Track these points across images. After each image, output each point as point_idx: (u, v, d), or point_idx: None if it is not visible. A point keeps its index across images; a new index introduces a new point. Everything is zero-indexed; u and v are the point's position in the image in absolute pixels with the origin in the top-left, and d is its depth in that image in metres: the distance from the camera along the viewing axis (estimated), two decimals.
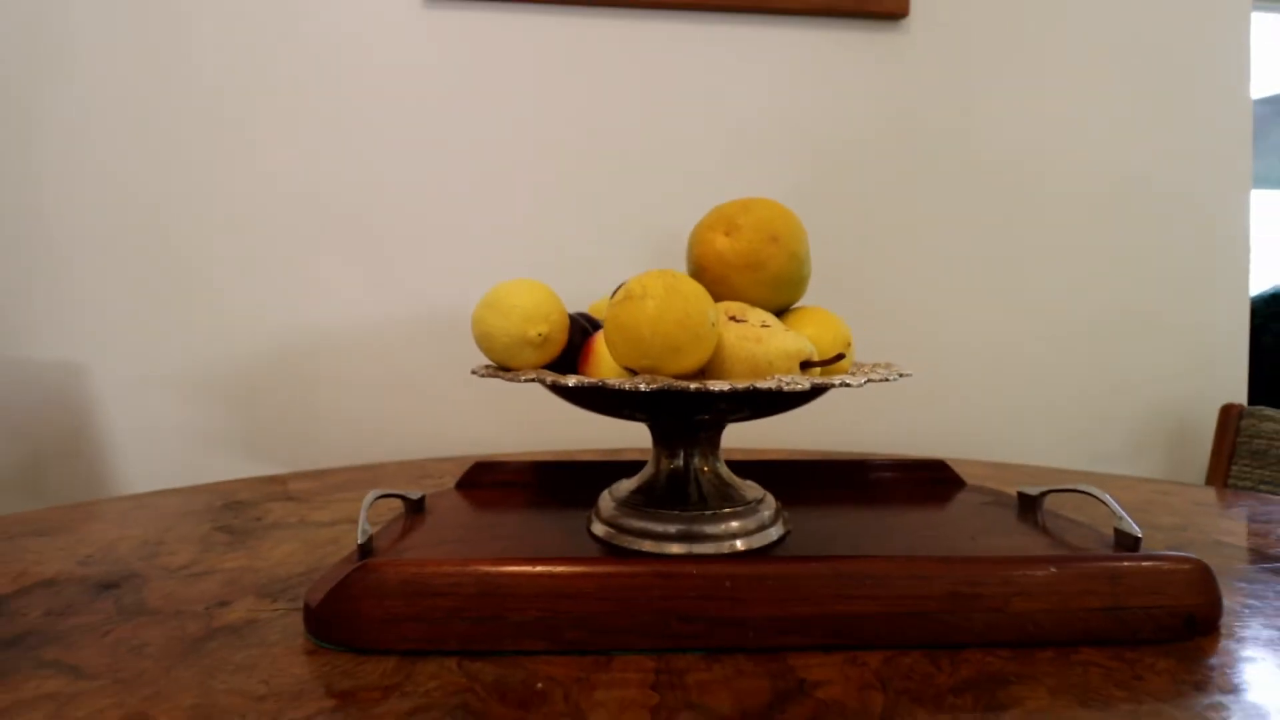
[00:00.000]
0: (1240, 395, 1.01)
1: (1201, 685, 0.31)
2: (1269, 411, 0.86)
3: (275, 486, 0.69)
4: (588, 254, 0.96)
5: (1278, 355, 1.07)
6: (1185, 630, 0.35)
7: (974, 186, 0.99)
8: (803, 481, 0.60)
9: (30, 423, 0.93)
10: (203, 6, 0.92)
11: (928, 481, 0.62)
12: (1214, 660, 0.33)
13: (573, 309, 0.49)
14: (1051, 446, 1.02)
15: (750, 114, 0.96)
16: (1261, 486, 0.84)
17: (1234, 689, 0.30)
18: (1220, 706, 0.29)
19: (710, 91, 0.96)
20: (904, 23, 0.97)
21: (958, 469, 0.77)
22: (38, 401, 0.93)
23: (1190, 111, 1.02)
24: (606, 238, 0.96)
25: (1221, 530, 0.55)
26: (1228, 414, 0.89)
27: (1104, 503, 0.44)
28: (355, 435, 0.94)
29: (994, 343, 1.00)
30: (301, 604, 0.39)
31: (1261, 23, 1.47)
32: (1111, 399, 1.01)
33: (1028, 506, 0.54)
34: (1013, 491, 0.57)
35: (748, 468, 0.60)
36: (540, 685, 0.30)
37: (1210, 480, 0.89)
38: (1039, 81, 0.99)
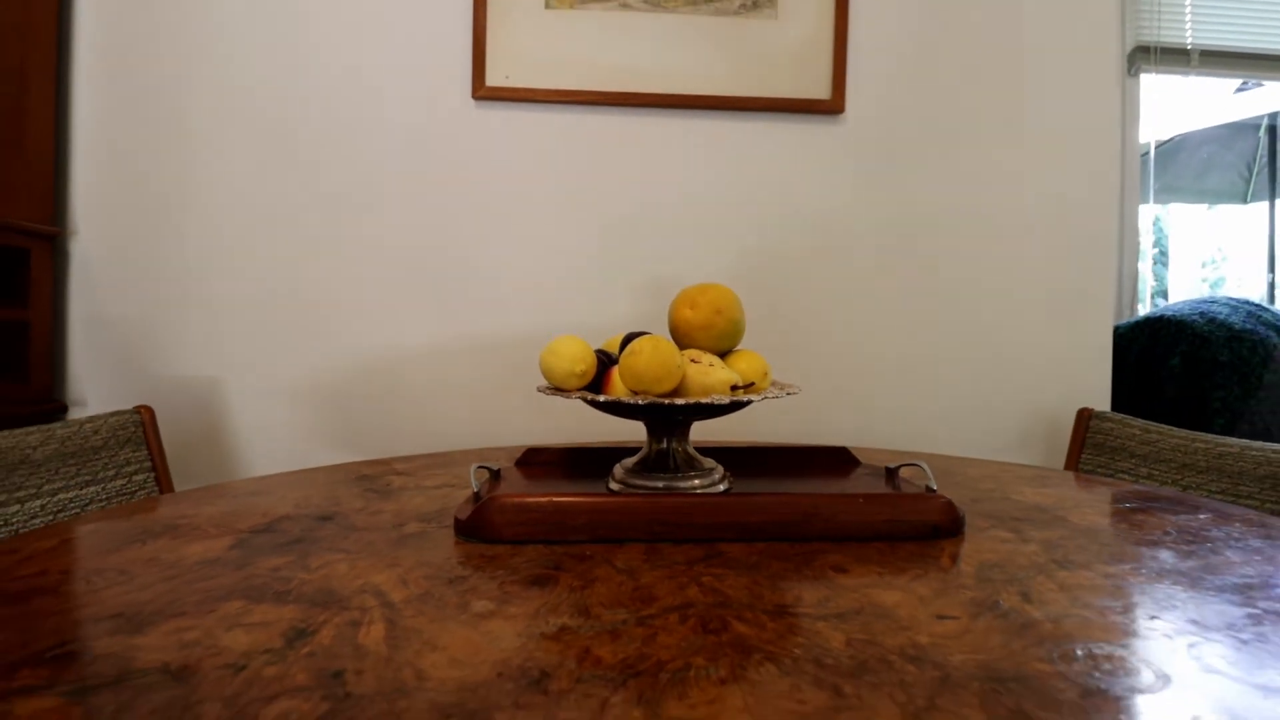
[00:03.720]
0: (1104, 402, 1.31)
1: (922, 554, 0.60)
2: (1109, 414, 1.15)
3: (384, 467, 0.99)
4: (602, 294, 1.25)
5: (1138, 372, 1.36)
6: (933, 533, 0.64)
7: (893, 243, 1.28)
8: (746, 459, 0.89)
9: (178, 422, 1.23)
10: (314, 107, 1.22)
11: (834, 461, 0.91)
12: (941, 547, 0.62)
13: (593, 338, 0.78)
14: (961, 442, 1.31)
15: (718, 190, 1.26)
16: (1098, 470, 1.13)
17: (936, 560, 0.60)
18: (928, 563, 0.58)
19: (688, 172, 1.26)
20: (841, 117, 1.26)
21: (872, 457, 1.07)
22: (185, 406, 1.23)
23: (1064, 175, 1.31)
24: (615, 281, 1.26)
25: (1016, 492, 0.84)
26: (1081, 416, 1.18)
27: (923, 470, 0.74)
28: (428, 431, 1.23)
29: (913, 364, 1.30)
30: (447, 524, 0.69)
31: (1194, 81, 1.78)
32: (1005, 405, 1.31)
33: (890, 475, 0.83)
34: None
35: (709, 450, 0.89)
36: (588, 553, 0.60)
37: (1067, 466, 1.18)
38: (945, 162, 1.29)
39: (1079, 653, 0.41)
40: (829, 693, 0.37)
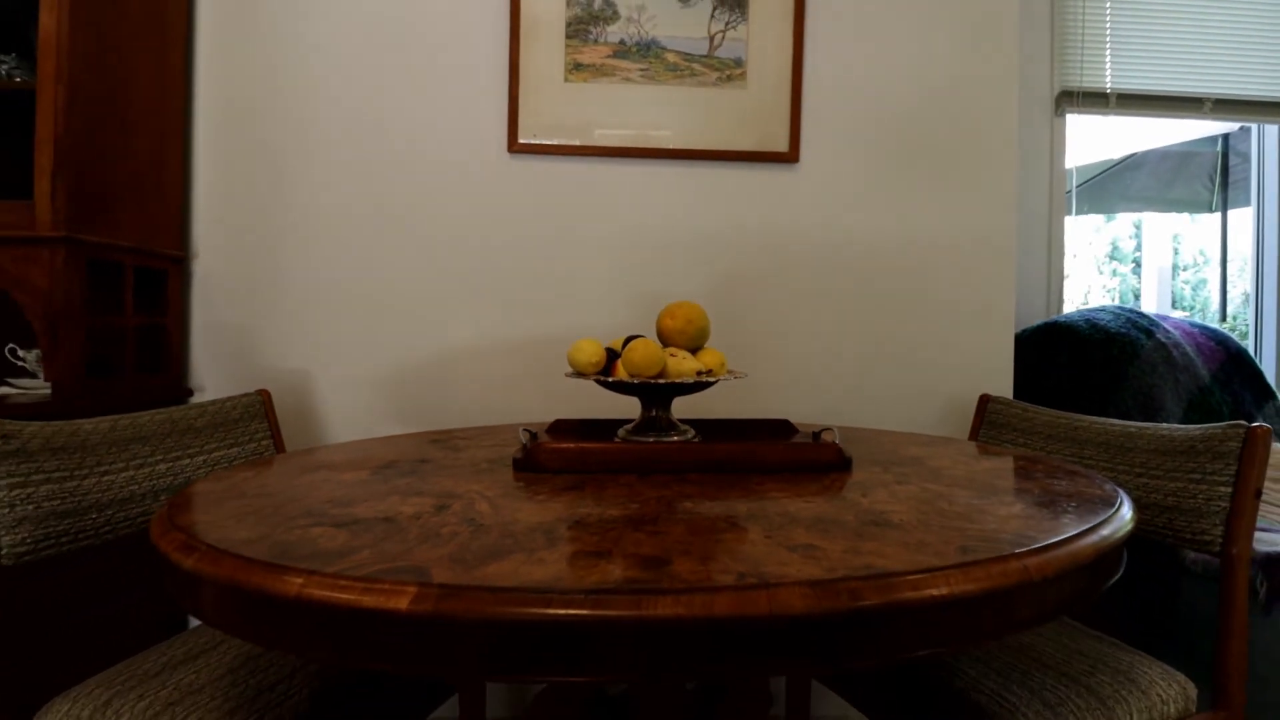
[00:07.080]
0: (1006, 390, 1.64)
1: (815, 480, 0.94)
2: (1000, 398, 1.48)
3: (448, 435, 1.33)
4: (607, 304, 1.60)
5: (1037, 366, 1.70)
6: (827, 469, 0.98)
7: (836, 263, 1.62)
8: (713, 426, 1.23)
9: (277, 403, 1.57)
10: (384, 157, 1.56)
11: (778, 428, 1.25)
12: (831, 476, 0.96)
13: (600, 338, 1.12)
14: (888, 420, 1.65)
15: (697, 223, 1.60)
16: (990, 441, 1.47)
17: (823, 482, 0.93)
18: (816, 482, 0.92)
19: (675, 209, 1.60)
20: (796, 165, 1.60)
21: (809, 428, 1.41)
22: (282, 392, 1.57)
23: (976, 207, 1.65)
24: (617, 295, 1.60)
25: (905, 449, 1.18)
26: (981, 400, 1.51)
27: (834, 432, 1.08)
28: (474, 411, 1.58)
29: (849, 360, 1.63)
30: (506, 465, 1.03)
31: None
32: (924, 391, 1.64)
33: (815, 436, 1.17)
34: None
35: (688, 420, 1.23)
36: (602, 479, 0.94)
37: (970, 438, 1.51)
38: (879, 198, 1.62)
39: (875, 514, 0.75)
40: (729, 525, 0.71)
